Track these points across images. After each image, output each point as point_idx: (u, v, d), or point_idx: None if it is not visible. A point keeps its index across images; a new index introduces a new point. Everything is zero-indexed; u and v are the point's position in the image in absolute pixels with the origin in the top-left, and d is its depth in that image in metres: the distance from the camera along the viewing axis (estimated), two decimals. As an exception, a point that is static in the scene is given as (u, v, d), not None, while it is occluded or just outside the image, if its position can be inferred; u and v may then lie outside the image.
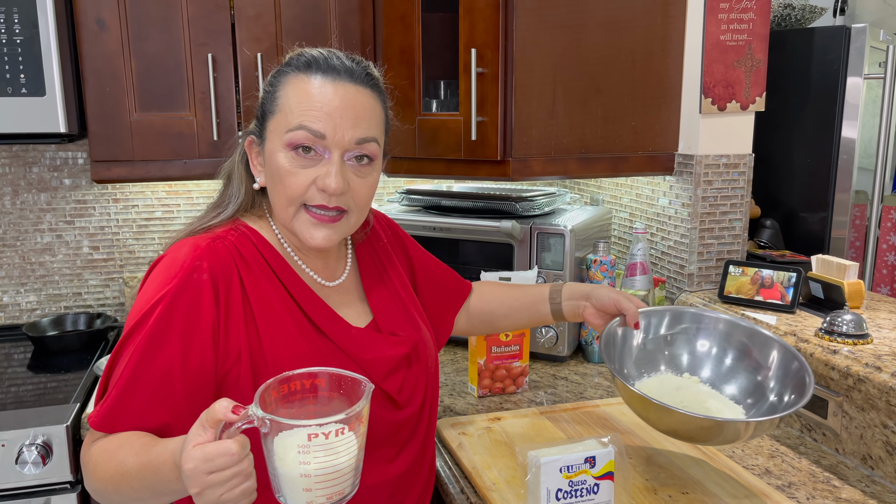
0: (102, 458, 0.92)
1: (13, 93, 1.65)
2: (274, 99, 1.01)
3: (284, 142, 0.98)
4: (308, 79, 0.99)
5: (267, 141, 1.02)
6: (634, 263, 1.73)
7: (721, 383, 1.24)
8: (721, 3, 1.70)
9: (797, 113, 2.07)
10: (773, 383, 1.19)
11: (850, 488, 1.23)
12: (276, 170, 1.00)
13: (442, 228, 1.86)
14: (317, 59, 1.00)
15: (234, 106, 1.84)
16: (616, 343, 1.24)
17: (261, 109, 1.03)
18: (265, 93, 1.03)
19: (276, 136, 1.00)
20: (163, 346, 0.94)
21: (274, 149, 1.00)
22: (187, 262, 0.97)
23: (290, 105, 0.99)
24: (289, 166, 0.98)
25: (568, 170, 1.74)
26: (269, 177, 1.02)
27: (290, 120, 0.98)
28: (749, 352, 1.24)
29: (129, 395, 0.93)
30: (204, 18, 1.79)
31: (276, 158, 0.99)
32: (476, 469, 1.24)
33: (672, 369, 1.27)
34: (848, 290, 1.54)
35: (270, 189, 1.03)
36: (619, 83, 1.73)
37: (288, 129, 0.98)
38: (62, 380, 1.72)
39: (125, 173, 1.81)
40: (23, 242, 2.11)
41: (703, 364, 1.26)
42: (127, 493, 0.90)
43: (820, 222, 2.04)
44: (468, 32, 1.66)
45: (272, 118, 1.01)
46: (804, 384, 1.11)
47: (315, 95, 0.98)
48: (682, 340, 1.28)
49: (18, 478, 1.46)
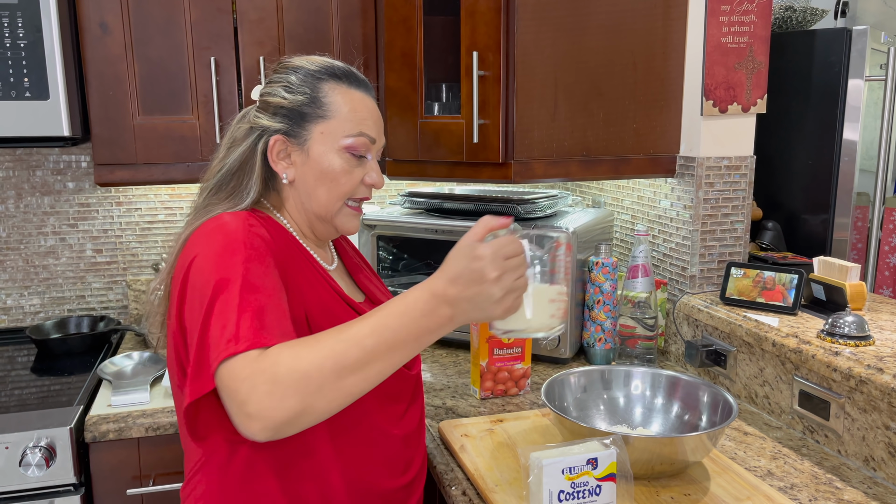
0: (300, 350, 0.87)
1: (17, 96, 1.66)
2: (320, 105, 1.09)
3: (342, 146, 1.09)
4: (350, 90, 1.11)
5: (312, 142, 1.09)
6: (636, 265, 1.73)
7: (649, 424, 1.39)
8: (722, 5, 1.70)
9: (799, 115, 2.07)
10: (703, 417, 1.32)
11: (853, 490, 1.23)
12: (327, 169, 1.09)
13: (444, 231, 1.87)
14: (349, 73, 1.13)
15: (236, 109, 1.85)
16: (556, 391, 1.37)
17: (296, 112, 1.09)
18: (303, 96, 1.09)
19: (328, 139, 1.09)
20: (267, 273, 0.96)
21: (325, 150, 1.09)
22: (240, 220, 1.02)
23: (343, 113, 1.10)
24: (346, 167, 1.10)
25: (570, 172, 1.74)
26: (313, 175, 1.10)
27: (349, 127, 1.10)
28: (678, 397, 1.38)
29: (261, 315, 0.91)
30: (206, 22, 1.80)
31: (329, 159, 1.09)
32: (478, 471, 1.25)
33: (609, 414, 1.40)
34: (850, 291, 1.55)
35: (311, 185, 1.10)
36: (620, 85, 1.73)
37: (347, 135, 1.09)
38: (66, 382, 1.72)
39: (128, 176, 1.82)
40: (26, 245, 2.12)
41: (636, 406, 1.41)
42: (350, 362, 0.87)
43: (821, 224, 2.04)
44: (470, 35, 1.67)
45: (320, 122, 1.09)
46: (730, 410, 1.23)
47: (364, 107, 1.12)
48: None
49: (22, 480, 1.46)
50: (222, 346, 0.88)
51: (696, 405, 1.33)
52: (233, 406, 0.86)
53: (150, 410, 1.57)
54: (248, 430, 0.85)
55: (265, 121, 1.10)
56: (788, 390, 1.47)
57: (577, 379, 1.42)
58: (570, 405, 1.38)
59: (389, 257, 2.07)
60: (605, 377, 1.43)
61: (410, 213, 1.99)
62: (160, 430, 1.53)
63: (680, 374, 1.38)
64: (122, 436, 1.52)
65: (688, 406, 1.35)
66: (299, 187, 1.11)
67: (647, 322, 1.72)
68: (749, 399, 1.59)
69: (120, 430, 1.51)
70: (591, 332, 1.80)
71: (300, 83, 1.10)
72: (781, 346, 1.44)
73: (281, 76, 1.12)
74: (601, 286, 1.77)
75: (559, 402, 1.36)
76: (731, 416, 1.21)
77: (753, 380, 1.57)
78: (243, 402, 0.84)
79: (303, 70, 1.11)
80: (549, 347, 1.77)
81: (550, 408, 1.26)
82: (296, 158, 1.10)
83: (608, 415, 1.40)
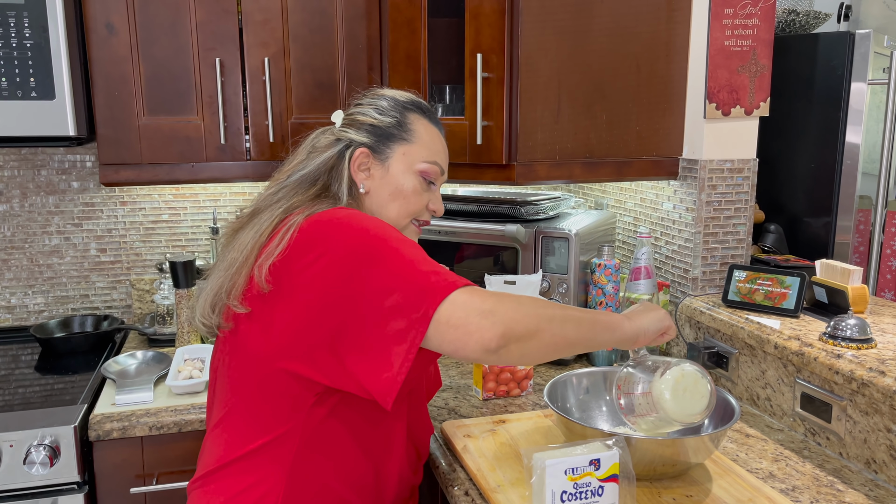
0: (520, 299, 1.03)
1: (23, 96, 1.67)
2: (406, 129, 1.21)
3: (418, 169, 1.21)
4: (431, 125, 1.24)
5: (392, 160, 1.20)
6: (639, 267, 1.74)
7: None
8: (725, 8, 1.71)
9: (801, 118, 2.08)
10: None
11: (854, 492, 1.23)
12: (401, 187, 1.20)
13: (447, 232, 1.87)
14: (432, 111, 1.27)
15: (241, 110, 1.86)
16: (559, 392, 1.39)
17: (383, 131, 1.20)
18: (392, 119, 1.21)
19: (407, 159, 1.20)
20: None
21: (402, 169, 1.20)
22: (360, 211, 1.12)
23: (424, 141, 1.22)
24: (418, 188, 1.22)
25: (573, 174, 1.74)
26: (388, 189, 1.20)
27: (427, 155, 1.22)
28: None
29: (439, 268, 1.02)
30: (212, 23, 1.80)
31: (405, 178, 1.20)
32: (480, 471, 1.25)
33: (612, 415, 1.41)
34: (852, 294, 1.55)
35: (383, 198, 1.20)
36: (623, 88, 1.74)
37: (424, 161, 1.21)
38: (69, 381, 1.73)
39: (133, 176, 1.83)
40: (31, 245, 2.12)
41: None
42: (569, 316, 1.06)
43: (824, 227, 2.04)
44: (474, 37, 1.67)
45: (403, 144, 1.21)
46: (733, 412, 1.25)
47: (440, 142, 1.25)
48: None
49: (26, 478, 1.47)
50: (443, 285, 0.98)
51: None
52: (472, 316, 0.96)
53: (153, 409, 1.57)
54: (485, 336, 0.96)
55: (352, 134, 1.19)
56: (790, 393, 1.47)
57: (579, 380, 1.42)
58: (572, 406, 1.39)
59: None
60: (608, 378, 1.43)
61: (413, 215, 1.99)
62: (164, 429, 1.54)
63: None
64: (126, 434, 1.52)
65: None
66: (374, 198, 1.20)
67: (649, 324, 1.72)
68: (751, 401, 1.59)
69: (124, 428, 1.52)
70: (593, 334, 1.80)
71: (390, 108, 1.22)
72: (783, 349, 1.45)
73: (372, 100, 1.23)
74: (603, 288, 1.77)
75: (562, 403, 1.37)
76: (733, 419, 1.21)
77: (755, 382, 1.57)
78: (491, 311, 0.97)
79: (394, 99, 1.23)
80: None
81: (553, 409, 1.26)
82: (375, 172, 1.20)
83: (610, 416, 1.41)
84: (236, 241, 1.12)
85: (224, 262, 1.12)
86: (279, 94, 1.87)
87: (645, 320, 1.16)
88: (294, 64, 1.87)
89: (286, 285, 1.03)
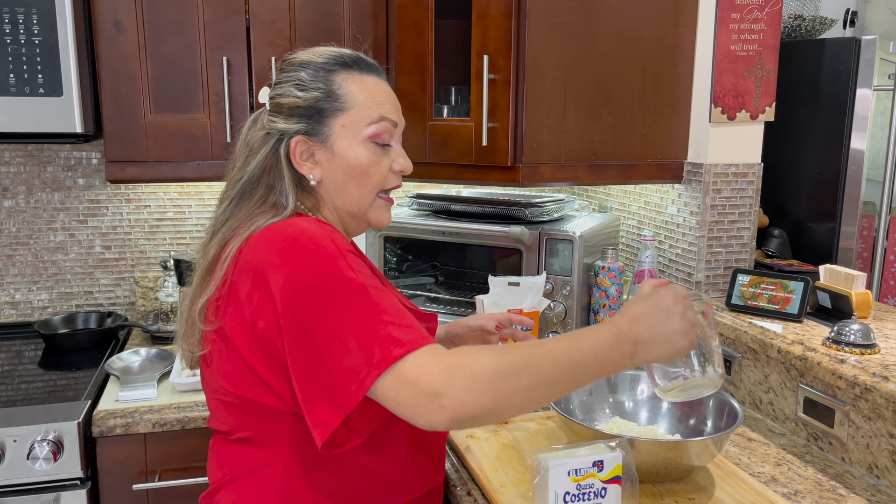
0: (499, 354, 0.89)
1: (31, 93, 1.67)
2: (336, 97, 1.06)
3: (366, 135, 1.06)
4: (363, 77, 1.08)
5: (334, 137, 1.06)
6: (642, 270, 1.74)
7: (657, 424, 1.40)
8: (732, 13, 1.71)
9: (806, 123, 2.08)
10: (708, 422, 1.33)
11: (856, 497, 1.23)
12: (355, 164, 1.06)
13: (451, 233, 1.87)
14: (359, 59, 1.09)
15: (247, 109, 1.86)
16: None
17: (312, 109, 1.06)
18: (317, 92, 1.06)
19: (350, 131, 1.06)
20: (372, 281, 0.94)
21: (349, 144, 1.06)
22: (314, 223, 0.99)
23: (360, 101, 1.06)
24: (373, 157, 1.07)
25: (577, 176, 1.75)
26: (340, 171, 1.07)
27: (369, 115, 1.06)
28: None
29: (404, 313, 0.92)
30: (219, 22, 1.81)
31: (355, 152, 1.06)
32: (483, 472, 1.25)
33: (616, 413, 1.41)
34: (856, 300, 1.55)
35: (341, 182, 1.07)
36: (629, 91, 1.74)
37: (370, 122, 1.06)
38: (73, 377, 1.73)
39: (139, 174, 1.83)
40: (36, 241, 2.13)
41: (642, 410, 1.42)
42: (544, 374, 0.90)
43: (828, 232, 2.04)
44: (480, 39, 1.68)
45: (340, 115, 1.06)
46: (736, 415, 1.24)
47: (379, 91, 1.09)
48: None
49: (29, 473, 1.47)
50: (392, 345, 0.87)
51: (702, 410, 1.34)
52: (419, 398, 0.85)
53: (156, 406, 1.58)
54: (433, 420, 0.86)
55: (281, 124, 1.06)
56: (793, 397, 1.47)
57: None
58: (575, 408, 1.39)
59: (395, 259, 2.08)
60: (612, 381, 1.43)
61: (417, 215, 1.99)
62: (167, 426, 1.54)
63: None
64: (129, 431, 1.53)
65: (693, 411, 1.35)
66: (328, 186, 1.08)
67: (652, 327, 1.72)
68: (753, 405, 1.59)
69: (127, 425, 1.52)
70: (596, 337, 1.80)
71: (312, 79, 1.06)
72: (787, 353, 1.45)
73: (290, 75, 1.08)
74: (607, 290, 1.77)
75: (565, 405, 1.37)
76: (736, 422, 1.21)
77: (758, 386, 1.57)
78: (438, 394, 0.85)
79: (312, 64, 1.07)
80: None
81: (556, 410, 1.26)
82: (320, 157, 1.07)
83: (613, 417, 1.41)
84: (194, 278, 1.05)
85: (183, 303, 1.07)
86: (285, 93, 1.87)
87: (657, 340, 0.95)
88: (301, 63, 1.88)
89: (228, 322, 0.98)
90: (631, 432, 1.33)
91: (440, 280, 2.16)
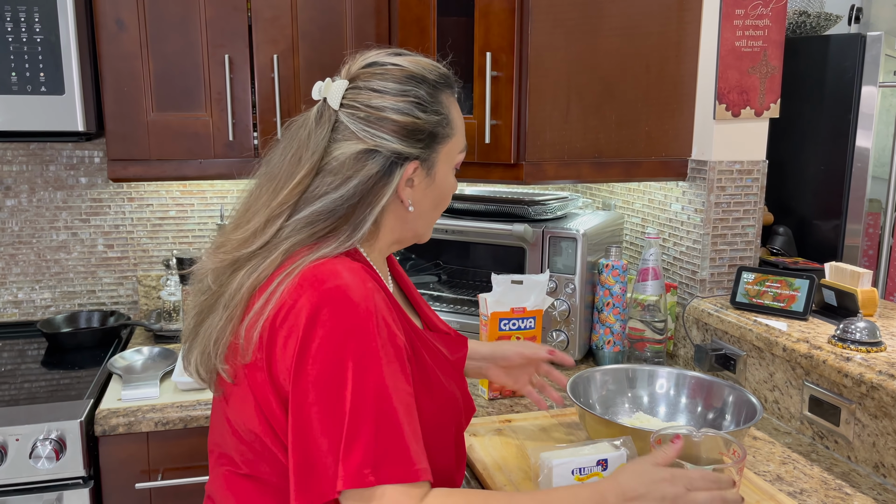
0: (473, 500, 0.86)
1: (33, 91, 1.67)
2: (448, 122, 0.98)
3: (456, 162, 1.01)
4: (454, 98, 1.01)
5: (438, 164, 0.98)
6: (646, 268, 1.73)
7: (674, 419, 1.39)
8: (736, 9, 1.70)
9: (811, 120, 2.07)
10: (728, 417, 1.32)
11: (862, 496, 1.22)
12: (447, 192, 1.01)
13: (454, 231, 1.87)
14: (451, 78, 1.02)
15: (249, 107, 1.86)
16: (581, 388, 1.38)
17: (430, 133, 0.95)
18: (439, 116, 0.96)
19: (448, 158, 1.00)
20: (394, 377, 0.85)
21: (446, 172, 1.00)
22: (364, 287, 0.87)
23: (459, 128, 1.01)
24: (455, 183, 1.03)
25: (581, 174, 1.74)
26: (431, 201, 1.00)
27: (462, 141, 1.02)
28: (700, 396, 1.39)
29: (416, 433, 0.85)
30: (221, 20, 1.81)
31: (450, 181, 1.01)
32: (487, 470, 1.25)
33: (634, 408, 1.41)
34: (861, 297, 1.54)
35: (423, 210, 1.00)
36: (633, 88, 1.73)
37: (460, 151, 1.02)
38: (75, 376, 1.73)
39: (141, 172, 1.83)
40: (38, 240, 2.13)
41: (660, 405, 1.41)
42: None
43: (833, 230, 2.03)
44: (483, 36, 1.67)
45: (447, 142, 0.98)
46: (754, 412, 1.23)
47: (460, 114, 1.02)
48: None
49: (32, 472, 1.47)
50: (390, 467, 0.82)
51: (721, 405, 1.34)
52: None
53: (159, 405, 1.57)
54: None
55: (395, 144, 0.92)
56: (798, 395, 1.46)
57: (602, 377, 1.43)
58: (595, 402, 1.39)
59: (397, 257, 2.07)
60: (630, 376, 1.43)
61: (421, 213, 1.98)
62: (169, 424, 1.54)
63: (703, 375, 1.40)
64: (132, 430, 1.52)
65: (710, 406, 1.35)
66: (406, 214, 0.98)
67: (656, 325, 1.72)
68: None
69: (129, 424, 1.52)
70: (599, 335, 1.80)
71: (431, 99, 0.95)
72: (792, 351, 1.44)
73: (408, 88, 0.94)
74: (611, 289, 1.77)
75: (584, 399, 1.36)
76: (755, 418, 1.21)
77: (763, 384, 1.56)
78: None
79: (429, 82, 0.96)
80: (558, 350, 1.77)
81: (577, 403, 1.26)
82: (419, 184, 0.97)
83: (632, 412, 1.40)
84: (233, 281, 0.92)
85: (218, 306, 0.93)
86: (288, 91, 1.87)
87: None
88: (303, 61, 1.87)
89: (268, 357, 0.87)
90: (656, 427, 1.31)
91: (443, 278, 2.15)
